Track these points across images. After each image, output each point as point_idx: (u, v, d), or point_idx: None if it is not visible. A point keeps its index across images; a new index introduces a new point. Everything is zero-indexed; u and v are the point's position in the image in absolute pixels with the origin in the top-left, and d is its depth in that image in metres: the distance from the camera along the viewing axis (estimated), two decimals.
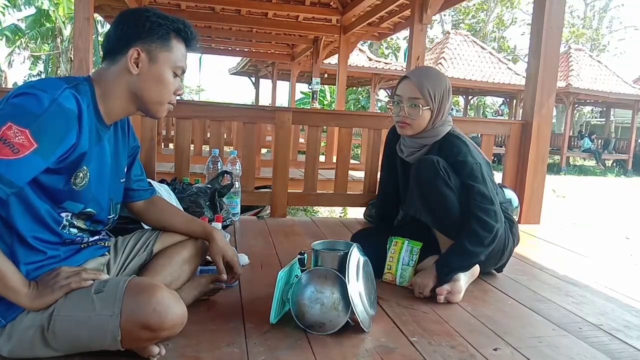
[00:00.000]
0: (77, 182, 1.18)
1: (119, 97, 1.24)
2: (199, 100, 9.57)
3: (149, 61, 1.23)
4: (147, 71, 1.23)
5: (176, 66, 1.27)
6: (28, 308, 1.11)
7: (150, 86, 1.25)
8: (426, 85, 1.82)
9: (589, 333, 1.55)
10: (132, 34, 1.22)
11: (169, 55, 1.25)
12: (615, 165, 16.97)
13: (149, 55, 1.23)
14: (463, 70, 14.25)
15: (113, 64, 1.24)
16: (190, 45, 1.32)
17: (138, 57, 1.21)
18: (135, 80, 1.23)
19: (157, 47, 1.23)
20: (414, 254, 1.87)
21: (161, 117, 1.33)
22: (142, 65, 1.22)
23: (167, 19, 1.25)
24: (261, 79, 18.98)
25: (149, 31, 1.22)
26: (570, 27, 25.97)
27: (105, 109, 1.23)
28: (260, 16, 7.96)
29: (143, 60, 1.22)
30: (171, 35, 1.25)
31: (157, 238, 1.47)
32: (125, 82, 1.23)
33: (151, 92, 1.26)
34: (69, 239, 1.24)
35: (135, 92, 1.25)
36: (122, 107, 1.26)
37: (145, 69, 1.23)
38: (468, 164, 1.78)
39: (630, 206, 8.83)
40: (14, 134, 1.02)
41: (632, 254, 2.68)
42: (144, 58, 1.22)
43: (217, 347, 1.30)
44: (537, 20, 3.22)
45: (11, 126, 1.03)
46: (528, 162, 3.23)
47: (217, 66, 46.96)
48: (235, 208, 2.78)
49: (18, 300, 1.09)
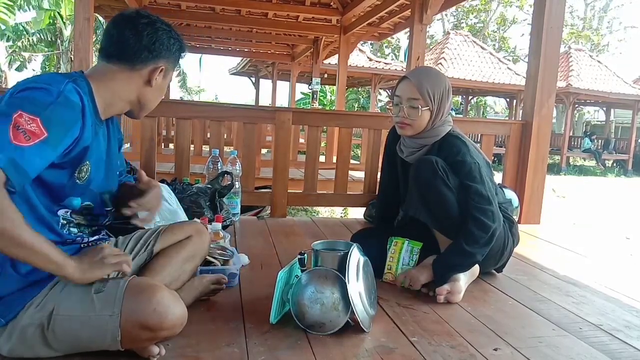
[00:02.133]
0: (81, 176, 1.19)
1: (123, 100, 1.29)
2: (199, 101, 9.59)
3: (163, 77, 1.32)
4: (158, 85, 1.31)
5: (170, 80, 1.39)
6: (77, 280, 1.11)
7: (155, 97, 1.34)
8: (425, 85, 1.82)
9: (589, 333, 1.55)
10: (162, 51, 1.28)
11: (173, 72, 1.37)
12: (615, 165, 16.96)
13: (166, 72, 1.32)
14: (463, 71, 14.25)
15: (127, 68, 1.26)
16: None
17: (160, 73, 1.29)
18: (146, 91, 1.30)
19: (172, 67, 1.33)
20: (414, 254, 1.87)
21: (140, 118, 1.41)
22: (158, 79, 1.30)
23: (179, 40, 1.33)
24: (261, 79, 18.98)
25: (175, 53, 1.32)
26: (571, 27, 25.98)
27: (104, 105, 1.25)
28: (260, 16, 7.96)
29: (160, 76, 1.30)
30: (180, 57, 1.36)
31: (157, 238, 1.47)
32: (137, 90, 1.29)
33: (153, 101, 1.35)
34: (70, 238, 1.24)
35: (140, 99, 1.31)
36: (122, 107, 1.31)
37: (159, 83, 1.31)
38: (467, 163, 1.78)
39: (630, 206, 8.83)
40: (26, 121, 1.02)
41: (632, 254, 2.68)
42: (161, 74, 1.30)
43: (217, 347, 1.30)
44: (537, 20, 3.22)
45: (22, 114, 1.02)
46: (528, 162, 3.23)
47: (217, 66, 46.83)
48: (235, 208, 2.78)
49: (63, 272, 1.09)
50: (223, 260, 1.78)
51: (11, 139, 1.00)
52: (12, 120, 1.01)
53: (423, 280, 1.77)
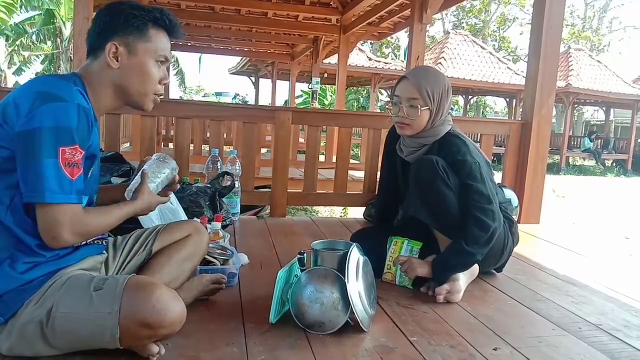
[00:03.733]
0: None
1: (104, 92, 1.27)
2: (199, 100, 9.58)
3: (128, 54, 1.25)
4: (128, 64, 1.25)
5: (158, 55, 1.29)
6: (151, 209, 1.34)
7: (132, 78, 1.27)
8: (424, 85, 1.82)
9: (588, 333, 1.55)
10: (109, 28, 1.24)
11: (148, 45, 1.26)
12: (615, 165, 16.96)
13: (127, 47, 1.24)
14: (463, 70, 14.24)
15: (95, 59, 1.26)
16: (173, 32, 1.32)
17: (117, 50, 1.24)
18: (117, 74, 1.25)
19: (135, 39, 1.25)
20: (413, 253, 1.87)
21: (148, 108, 1.34)
22: (122, 58, 1.24)
23: (142, 9, 1.26)
24: (261, 79, 18.99)
25: (124, 24, 1.24)
26: (571, 27, 25.96)
27: (94, 103, 1.25)
28: (260, 16, 7.97)
29: (122, 54, 1.24)
30: (148, 26, 1.26)
31: (156, 237, 1.47)
32: (108, 77, 1.26)
33: (134, 84, 1.27)
34: None
35: (119, 86, 1.27)
36: (109, 101, 1.29)
37: (126, 61, 1.25)
38: (467, 163, 1.78)
39: (630, 206, 8.83)
40: (70, 154, 1.10)
41: (632, 254, 2.68)
42: (122, 51, 1.24)
43: (217, 347, 1.30)
44: (537, 20, 3.22)
45: (64, 150, 1.10)
46: (528, 162, 3.23)
47: (217, 66, 46.87)
48: (235, 208, 2.78)
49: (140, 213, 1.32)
50: (223, 260, 1.78)
51: (70, 178, 1.10)
52: (59, 160, 1.09)
53: (419, 272, 1.77)
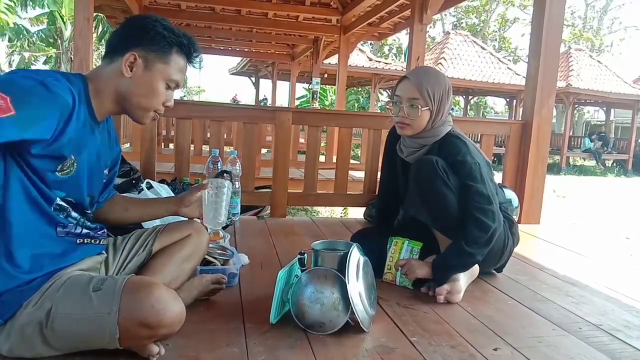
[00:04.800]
0: (64, 169, 1.18)
1: (107, 96, 1.27)
2: (199, 100, 9.58)
3: (144, 68, 1.25)
4: (140, 77, 1.26)
5: (170, 79, 1.29)
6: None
7: (139, 92, 1.27)
8: (425, 85, 1.82)
9: (588, 333, 1.55)
10: (134, 38, 1.25)
11: (165, 67, 1.27)
12: (615, 165, 16.95)
13: (145, 62, 1.25)
14: (463, 70, 14.24)
15: (110, 63, 1.26)
16: (192, 61, 1.34)
17: (134, 61, 1.24)
18: (126, 83, 1.25)
19: (156, 57, 1.26)
20: (414, 254, 1.87)
21: (144, 123, 1.35)
22: (137, 70, 1.25)
23: (172, 32, 1.27)
24: (261, 79, 18.98)
25: (151, 40, 1.25)
26: (572, 28, 25.96)
27: (96, 105, 1.25)
28: (260, 16, 7.96)
29: (138, 66, 1.25)
30: (173, 49, 1.28)
31: (156, 237, 1.47)
32: (115, 83, 1.26)
33: (139, 98, 1.28)
34: (62, 222, 1.23)
35: (124, 94, 1.27)
36: (109, 105, 1.28)
37: (139, 74, 1.25)
38: (467, 163, 1.78)
39: (630, 206, 8.82)
40: None
41: (632, 254, 2.68)
42: (139, 63, 1.25)
43: (217, 347, 1.30)
44: (537, 20, 3.22)
45: None
46: (528, 162, 3.23)
47: (217, 66, 46.93)
48: (235, 208, 2.77)
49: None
50: (223, 260, 1.78)
51: None
52: None
53: (420, 274, 1.77)
